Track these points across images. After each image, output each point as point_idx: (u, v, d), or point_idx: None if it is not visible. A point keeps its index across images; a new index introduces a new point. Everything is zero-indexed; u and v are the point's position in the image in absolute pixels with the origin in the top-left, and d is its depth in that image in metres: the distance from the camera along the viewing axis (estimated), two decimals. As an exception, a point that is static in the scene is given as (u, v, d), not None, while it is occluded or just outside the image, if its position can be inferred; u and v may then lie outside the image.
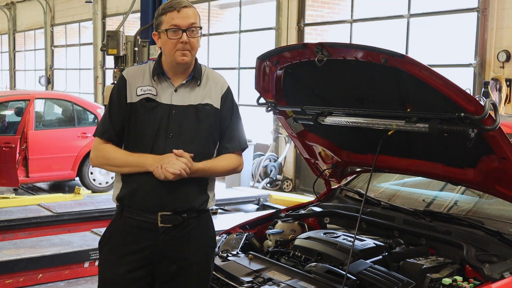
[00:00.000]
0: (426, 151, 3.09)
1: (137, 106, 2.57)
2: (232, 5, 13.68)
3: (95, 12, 17.82)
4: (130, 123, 2.59)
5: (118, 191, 2.63)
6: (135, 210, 2.58)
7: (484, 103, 2.39)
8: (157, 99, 2.58)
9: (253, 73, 3.29)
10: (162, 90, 2.60)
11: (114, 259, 2.60)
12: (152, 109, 2.57)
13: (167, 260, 2.59)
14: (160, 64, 2.64)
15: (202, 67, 2.70)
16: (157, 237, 2.56)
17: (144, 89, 2.59)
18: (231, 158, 2.68)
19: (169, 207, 2.55)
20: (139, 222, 2.57)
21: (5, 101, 9.41)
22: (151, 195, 2.54)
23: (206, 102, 2.63)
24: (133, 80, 2.62)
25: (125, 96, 2.60)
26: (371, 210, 3.45)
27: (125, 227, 2.61)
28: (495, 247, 2.81)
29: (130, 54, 7.21)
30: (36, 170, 8.92)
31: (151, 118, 2.56)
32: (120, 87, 2.63)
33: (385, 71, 2.68)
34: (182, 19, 2.52)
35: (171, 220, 2.56)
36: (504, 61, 7.61)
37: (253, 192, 8.54)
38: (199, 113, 2.60)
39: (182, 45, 2.52)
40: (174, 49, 2.53)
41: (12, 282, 4.96)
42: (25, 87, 23.17)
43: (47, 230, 6.36)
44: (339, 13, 10.91)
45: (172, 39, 2.52)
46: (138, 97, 2.58)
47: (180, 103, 2.59)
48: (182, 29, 2.51)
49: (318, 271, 2.75)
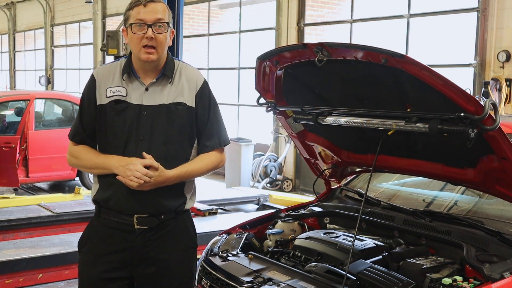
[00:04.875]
0: (426, 151, 3.09)
1: (106, 108, 2.50)
2: (232, 5, 13.68)
3: (95, 12, 17.82)
4: (101, 126, 2.53)
5: (95, 193, 2.60)
6: (112, 212, 2.54)
7: (484, 103, 2.39)
8: (127, 99, 2.50)
9: (253, 73, 3.29)
10: (133, 89, 2.52)
11: (92, 259, 2.57)
12: (121, 111, 2.49)
13: (145, 262, 2.55)
14: (130, 63, 2.55)
15: (175, 63, 2.60)
16: (134, 238, 2.52)
17: (113, 90, 2.51)
18: (209, 157, 2.59)
19: (145, 209, 2.51)
20: (116, 224, 2.54)
21: (5, 101, 9.42)
22: (126, 198, 2.49)
23: (179, 101, 2.53)
24: (103, 80, 2.54)
25: (94, 97, 2.53)
26: (371, 210, 3.45)
27: (102, 228, 2.58)
28: (495, 247, 2.81)
29: (130, 54, 7.21)
30: (36, 170, 8.93)
31: (120, 120, 2.49)
32: (89, 88, 2.56)
33: (385, 71, 2.68)
34: (148, 14, 2.42)
35: (147, 222, 2.52)
36: (504, 61, 7.61)
37: (253, 192, 8.54)
38: (171, 113, 2.51)
39: (147, 40, 2.42)
40: (139, 45, 2.44)
41: (12, 282, 4.96)
42: (25, 87, 23.17)
43: (47, 230, 6.35)
44: (339, 13, 10.92)
45: (137, 34, 2.43)
46: (108, 98, 2.51)
47: (151, 103, 2.50)
48: (148, 24, 2.42)
49: (318, 271, 2.75)
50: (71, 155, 2.64)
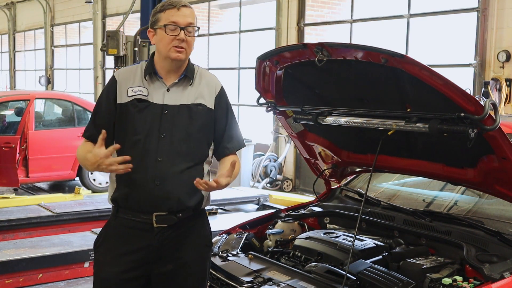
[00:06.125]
0: (426, 151, 3.09)
1: (128, 106, 2.57)
2: (232, 5, 13.67)
3: (95, 12, 17.82)
4: (120, 123, 2.58)
5: (112, 192, 2.63)
6: (130, 211, 2.58)
7: (484, 103, 2.39)
8: (149, 99, 2.57)
9: (253, 73, 3.29)
10: (154, 89, 2.60)
11: (110, 259, 2.59)
12: (143, 109, 2.56)
13: (162, 260, 2.58)
14: (152, 64, 2.63)
15: (195, 67, 2.70)
16: (153, 237, 2.55)
17: (135, 90, 2.58)
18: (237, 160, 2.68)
19: (164, 207, 2.54)
20: (134, 223, 2.57)
21: (5, 101, 9.41)
22: (145, 196, 2.54)
23: (199, 102, 2.63)
24: (124, 81, 2.61)
25: (114, 97, 2.59)
26: (371, 210, 3.45)
27: (120, 228, 2.61)
28: (495, 247, 2.81)
29: (130, 54, 7.22)
30: (36, 170, 8.92)
31: (142, 118, 2.56)
32: (109, 88, 2.63)
33: (385, 71, 2.68)
34: (181, 17, 2.54)
35: (166, 220, 2.56)
36: (504, 61, 7.61)
37: (253, 192, 8.53)
38: (192, 112, 2.60)
39: (178, 41, 2.53)
40: (170, 45, 2.53)
41: (12, 282, 4.96)
42: (25, 87, 23.17)
43: (47, 230, 6.35)
44: (339, 13, 10.91)
45: (170, 35, 2.53)
46: (129, 97, 2.57)
47: (172, 103, 2.58)
48: (180, 27, 2.53)
49: (318, 271, 2.75)
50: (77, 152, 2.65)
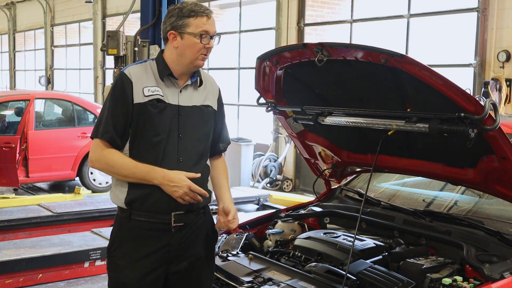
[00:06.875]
0: (426, 151, 3.09)
1: (147, 106, 2.52)
2: (232, 5, 13.67)
3: (95, 12, 17.82)
4: (138, 124, 2.54)
5: (125, 195, 2.56)
6: (146, 213, 2.55)
7: (484, 103, 2.39)
8: (165, 99, 2.57)
9: (253, 73, 3.29)
10: (168, 90, 2.59)
11: (129, 263, 2.56)
12: (162, 110, 2.55)
13: (179, 258, 2.61)
14: (166, 65, 2.60)
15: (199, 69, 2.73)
16: (171, 237, 2.57)
17: (151, 90, 2.55)
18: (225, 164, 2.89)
19: (183, 206, 2.55)
20: (152, 224, 2.55)
21: (5, 101, 9.42)
22: (164, 197, 2.52)
23: (207, 104, 2.68)
24: (139, 80, 2.55)
25: (131, 96, 2.53)
26: (371, 210, 3.45)
27: (136, 230, 2.57)
28: (495, 247, 2.81)
29: (130, 54, 7.20)
30: (36, 170, 8.92)
31: (161, 118, 2.55)
32: (124, 86, 2.54)
33: (385, 71, 2.68)
34: (211, 26, 2.57)
35: (184, 219, 2.58)
36: (504, 61, 7.61)
37: (253, 192, 8.54)
38: (203, 114, 2.66)
39: (206, 50, 2.56)
40: (199, 53, 2.55)
41: (12, 282, 4.96)
42: (25, 87, 23.16)
43: (47, 230, 6.36)
44: (339, 13, 10.91)
45: (201, 44, 2.54)
46: (146, 97, 2.53)
47: (186, 104, 2.61)
48: (210, 36, 2.56)
49: (318, 271, 2.75)
50: (101, 158, 2.55)
